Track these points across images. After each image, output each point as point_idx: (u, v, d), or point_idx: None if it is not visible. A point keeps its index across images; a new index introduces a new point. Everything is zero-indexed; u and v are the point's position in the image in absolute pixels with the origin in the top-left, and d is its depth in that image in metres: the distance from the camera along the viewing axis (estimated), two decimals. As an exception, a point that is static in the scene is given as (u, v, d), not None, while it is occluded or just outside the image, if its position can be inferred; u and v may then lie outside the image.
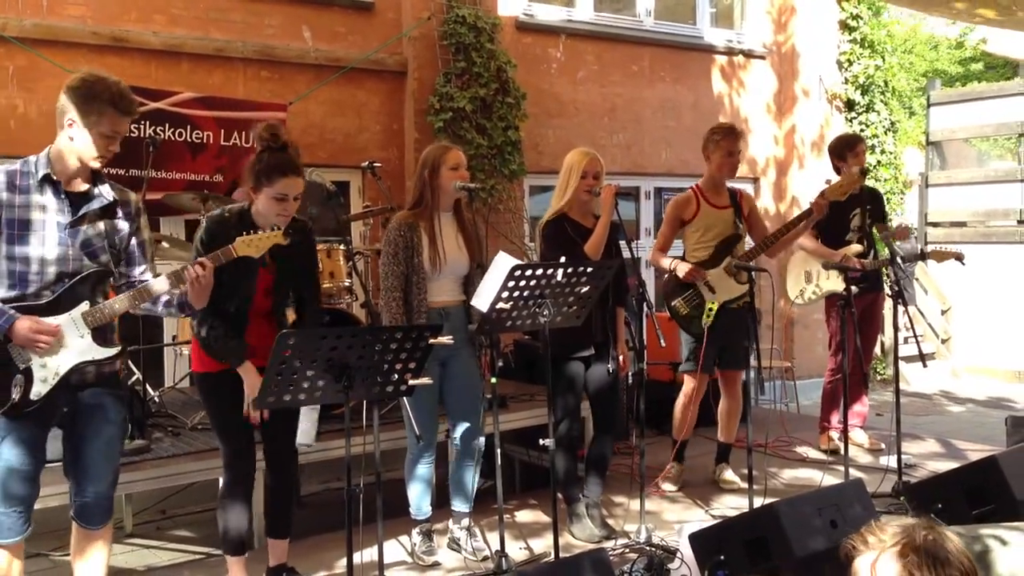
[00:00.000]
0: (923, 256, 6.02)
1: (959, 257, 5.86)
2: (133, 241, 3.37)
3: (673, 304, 5.30)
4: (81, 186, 3.24)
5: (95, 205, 3.24)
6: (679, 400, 5.45)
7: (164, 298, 3.35)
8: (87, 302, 3.20)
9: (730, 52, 9.46)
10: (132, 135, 4.87)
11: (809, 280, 5.98)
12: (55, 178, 3.17)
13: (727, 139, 5.26)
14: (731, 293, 5.22)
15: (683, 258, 5.31)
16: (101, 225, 3.26)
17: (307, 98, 6.91)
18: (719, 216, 5.30)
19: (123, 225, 3.33)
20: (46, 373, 3.14)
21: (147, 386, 5.41)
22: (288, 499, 4.01)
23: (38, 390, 3.13)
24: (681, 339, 5.39)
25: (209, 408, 3.91)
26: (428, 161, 4.29)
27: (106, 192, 3.28)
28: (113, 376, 3.38)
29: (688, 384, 5.41)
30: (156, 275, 3.39)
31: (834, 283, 5.74)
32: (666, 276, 5.39)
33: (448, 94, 7.14)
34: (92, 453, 3.30)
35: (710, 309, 5.17)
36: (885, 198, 9.78)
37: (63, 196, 3.19)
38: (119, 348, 3.33)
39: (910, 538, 1.87)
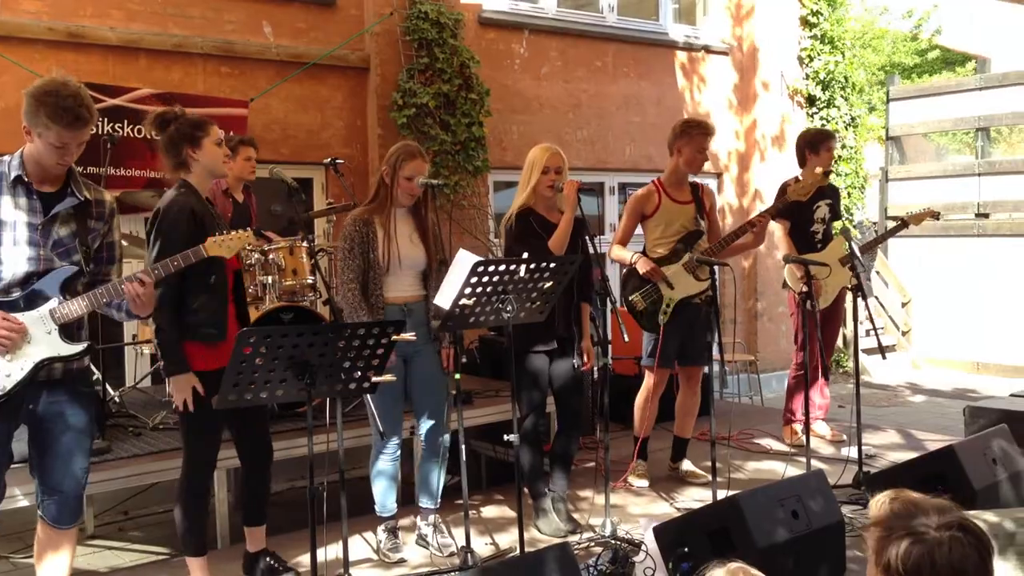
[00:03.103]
0: (905, 223, 6.07)
1: (935, 215, 6.24)
2: (103, 242, 3.38)
3: (631, 299, 5.28)
4: (54, 187, 3.25)
5: (67, 205, 3.25)
6: (639, 396, 5.46)
7: (115, 301, 3.34)
8: (56, 299, 3.21)
9: (692, 48, 9.52)
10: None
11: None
12: (26, 179, 3.19)
13: (702, 135, 5.25)
14: (689, 290, 5.24)
15: (644, 252, 5.31)
16: (73, 225, 3.27)
17: (269, 94, 6.86)
18: (681, 211, 5.30)
19: (96, 225, 3.35)
20: (11, 368, 3.14)
21: (107, 386, 5.34)
22: (265, 487, 4.03)
23: (2, 385, 3.14)
24: (645, 333, 5.40)
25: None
26: (391, 160, 4.32)
27: (79, 192, 3.28)
28: (82, 373, 3.39)
29: (648, 379, 5.43)
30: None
31: (839, 277, 5.77)
32: (625, 270, 5.40)
33: (411, 90, 7.11)
34: (62, 450, 3.29)
35: (667, 305, 5.20)
36: (847, 192, 9.94)
37: (35, 197, 3.21)
38: (86, 344, 3.33)
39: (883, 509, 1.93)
